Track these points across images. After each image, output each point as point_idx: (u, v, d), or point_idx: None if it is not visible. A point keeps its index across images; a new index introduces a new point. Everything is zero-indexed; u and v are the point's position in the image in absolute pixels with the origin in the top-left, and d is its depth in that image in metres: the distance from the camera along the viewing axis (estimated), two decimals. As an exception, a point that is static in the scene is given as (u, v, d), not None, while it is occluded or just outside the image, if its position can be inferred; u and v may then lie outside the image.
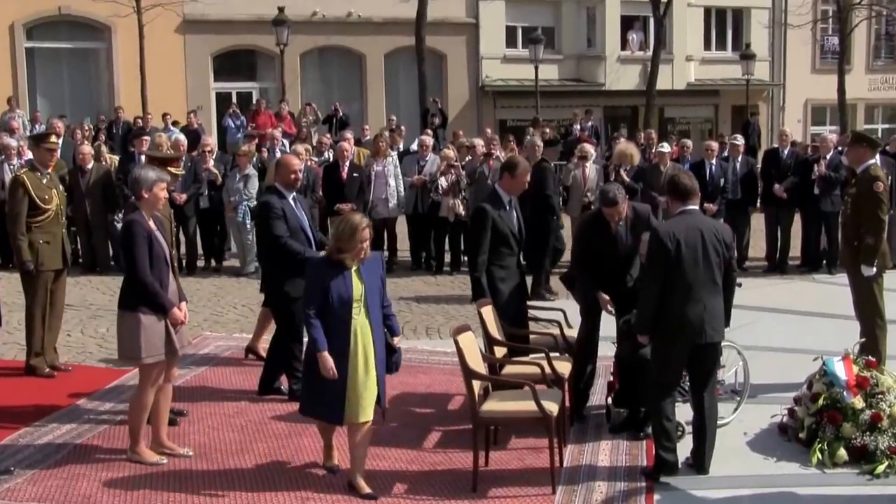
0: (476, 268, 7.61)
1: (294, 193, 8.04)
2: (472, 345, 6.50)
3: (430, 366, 9.24)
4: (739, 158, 14.61)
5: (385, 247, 14.86)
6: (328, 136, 18.44)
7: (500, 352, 7.32)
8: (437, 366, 9.23)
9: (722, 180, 14.00)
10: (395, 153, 14.97)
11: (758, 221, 15.56)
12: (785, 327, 10.80)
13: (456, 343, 6.28)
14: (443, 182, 14.08)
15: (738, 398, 7.64)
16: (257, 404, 7.99)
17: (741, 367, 7.67)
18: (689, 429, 6.94)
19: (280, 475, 6.50)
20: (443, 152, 15.00)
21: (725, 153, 15.33)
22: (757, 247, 15.80)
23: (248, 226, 13.77)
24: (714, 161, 14.09)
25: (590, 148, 14.81)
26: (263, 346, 9.05)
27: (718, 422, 7.22)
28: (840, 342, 7.84)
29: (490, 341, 7.20)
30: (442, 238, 14.63)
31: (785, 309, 11.75)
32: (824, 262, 14.50)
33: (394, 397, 8.18)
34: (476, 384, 6.34)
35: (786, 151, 14.66)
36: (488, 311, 7.29)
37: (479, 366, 6.50)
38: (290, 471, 6.57)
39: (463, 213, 14.06)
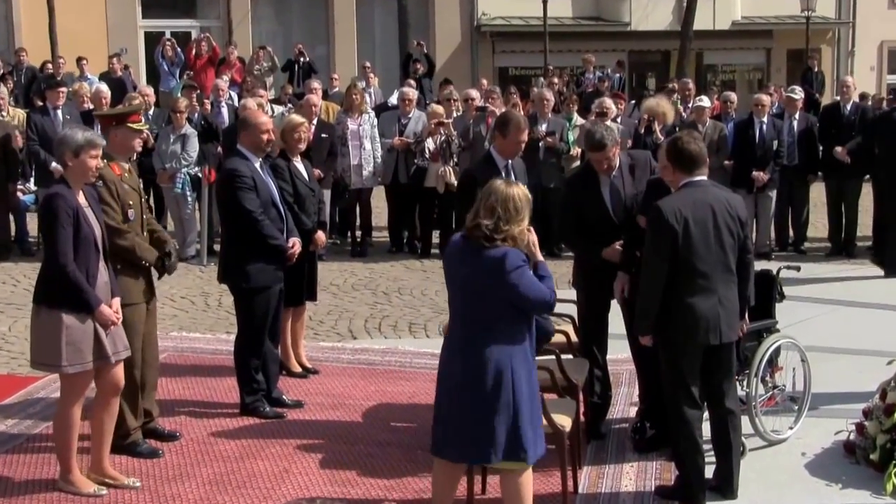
0: None
1: (261, 158, 8.14)
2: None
3: (414, 370, 9.32)
4: (797, 115, 14.67)
5: (358, 224, 14.93)
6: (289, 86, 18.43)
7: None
8: (423, 370, 9.27)
9: (775, 143, 14.08)
10: (371, 109, 14.96)
11: (818, 193, 15.63)
12: (852, 323, 10.87)
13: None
14: (430, 144, 14.09)
15: (797, 409, 7.70)
16: (200, 419, 8.02)
17: (801, 372, 7.74)
18: (749, 445, 7.11)
19: (229, 506, 6.52)
20: (430, 108, 15.02)
21: (776, 108, 15.39)
22: (818, 224, 15.91)
23: (189, 198, 13.78)
24: (765, 119, 14.15)
25: (610, 103, 14.77)
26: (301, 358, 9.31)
27: (775, 437, 7.46)
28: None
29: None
30: (429, 214, 14.68)
31: (852, 301, 11.83)
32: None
33: (370, 410, 8.29)
34: (472, 393, 6.35)
35: (848, 106, 14.74)
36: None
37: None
38: (241, 502, 6.59)
39: (455, 182, 14.07)
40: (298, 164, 8.98)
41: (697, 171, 6.53)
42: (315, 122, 13.34)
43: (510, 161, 7.86)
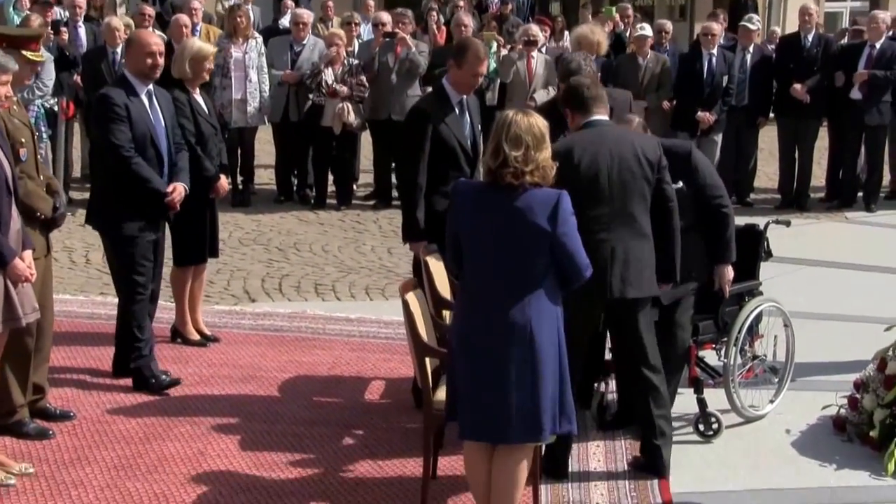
0: (411, 195, 7.67)
1: (151, 86, 8.04)
2: (423, 309, 6.57)
3: (329, 338, 9.38)
4: (751, 48, 14.94)
5: (238, 168, 14.77)
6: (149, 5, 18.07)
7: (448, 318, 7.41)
8: (339, 338, 9.38)
9: (725, 79, 14.34)
10: (258, 36, 14.78)
11: (767, 139, 15.95)
12: (819, 285, 11.22)
13: (405, 305, 6.32)
14: (328, 77, 14.01)
15: (777, 381, 7.92)
16: (91, 394, 7.96)
17: (784, 339, 7.95)
18: (725, 421, 7.36)
19: (141, 496, 6.47)
20: (328, 33, 14.94)
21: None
22: (761, 174, 16.29)
23: (44, 135, 13.48)
24: (714, 51, 14.40)
25: (536, 29, 14.91)
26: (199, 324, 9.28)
27: (753, 413, 7.67)
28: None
29: (438, 303, 7.27)
30: (325, 158, 14.61)
31: (815, 259, 12.15)
32: (859, 194, 15.08)
33: (286, 383, 8.34)
34: (428, 362, 6.39)
35: (810, 37, 14.93)
36: (436, 262, 7.35)
37: (432, 338, 6.57)
38: (154, 489, 6.55)
39: (355, 122, 14.07)
40: (199, 97, 8.91)
41: (595, 110, 6.71)
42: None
43: (465, 97, 7.89)
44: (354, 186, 15.20)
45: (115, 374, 8.28)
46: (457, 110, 7.80)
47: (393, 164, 14.50)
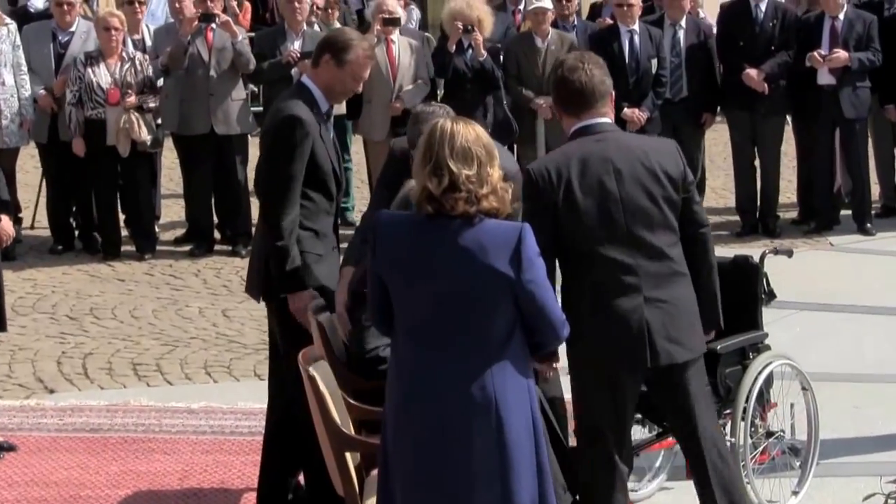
0: (286, 233, 7.64)
1: None
2: (334, 387, 6.55)
3: (168, 437, 9.34)
4: (684, 22, 15.10)
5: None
6: None
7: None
8: (184, 436, 9.34)
9: (653, 63, 14.56)
10: (11, 23, 14.64)
11: (717, 142, 16.20)
12: (816, 334, 11.40)
13: (312, 383, 6.30)
14: (103, 78, 13.95)
15: (799, 465, 8.03)
16: None
17: (804, 408, 8.07)
18: None
19: None
20: (100, 16, 14.73)
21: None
22: (710, 190, 16.47)
23: None
24: (636, 27, 14.57)
25: (394, 4, 14.98)
26: None
27: None
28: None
29: (341, 378, 7.24)
30: (110, 190, 14.57)
31: (801, 302, 12.15)
32: (843, 212, 15.30)
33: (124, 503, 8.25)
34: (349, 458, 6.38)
35: (763, 6, 14.99)
36: (327, 321, 7.44)
37: (348, 424, 6.55)
38: None
39: (148, 139, 13.99)
40: None
41: (590, 111, 6.63)
42: None
43: (332, 105, 8.04)
44: (156, 227, 15.08)
45: None
46: (325, 123, 7.90)
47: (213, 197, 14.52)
